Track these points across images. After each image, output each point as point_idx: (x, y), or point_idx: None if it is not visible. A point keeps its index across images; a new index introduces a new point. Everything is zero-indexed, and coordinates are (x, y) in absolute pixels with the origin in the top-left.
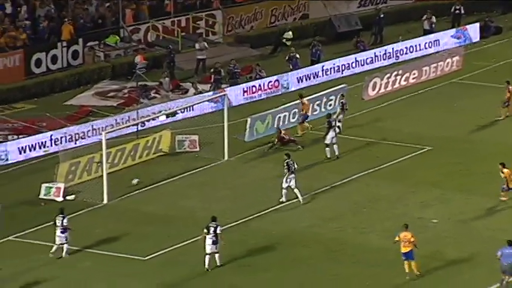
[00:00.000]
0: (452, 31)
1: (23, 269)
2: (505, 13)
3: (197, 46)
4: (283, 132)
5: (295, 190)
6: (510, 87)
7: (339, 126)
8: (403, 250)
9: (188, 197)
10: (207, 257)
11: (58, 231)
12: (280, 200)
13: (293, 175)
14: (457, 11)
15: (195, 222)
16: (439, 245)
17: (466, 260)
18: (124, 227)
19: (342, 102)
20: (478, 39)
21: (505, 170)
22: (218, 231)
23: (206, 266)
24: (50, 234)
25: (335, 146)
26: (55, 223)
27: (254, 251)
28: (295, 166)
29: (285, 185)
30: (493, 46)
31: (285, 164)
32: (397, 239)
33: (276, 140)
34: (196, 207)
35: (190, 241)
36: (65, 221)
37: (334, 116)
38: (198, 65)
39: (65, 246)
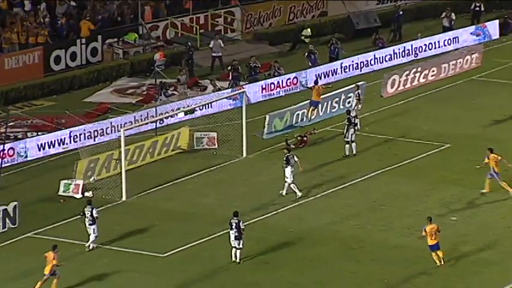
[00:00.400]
0: (472, 28)
1: (42, 265)
2: None
3: (211, 44)
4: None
5: (292, 185)
6: None
7: (357, 124)
8: (431, 243)
9: (206, 194)
10: (233, 250)
11: (87, 223)
12: (282, 193)
13: (292, 169)
14: (477, 8)
15: (214, 220)
16: (457, 243)
17: (484, 258)
18: (142, 224)
19: (357, 93)
20: (497, 36)
21: (491, 155)
22: (242, 226)
23: (233, 259)
24: (69, 230)
25: (353, 144)
26: (84, 214)
27: (272, 249)
28: (295, 160)
29: (289, 180)
30: None
31: (285, 158)
32: (424, 233)
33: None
34: (214, 204)
35: (209, 238)
36: (94, 211)
37: (354, 113)
38: (213, 63)
39: (93, 239)
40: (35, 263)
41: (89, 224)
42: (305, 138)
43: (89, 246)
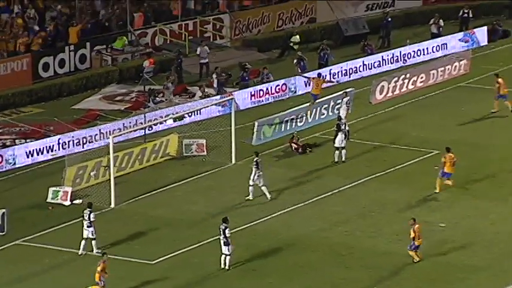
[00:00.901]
0: (460, 35)
1: (30, 272)
2: None
3: (198, 50)
4: (294, 141)
5: (263, 188)
6: (499, 79)
7: (348, 131)
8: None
9: (196, 201)
10: (222, 256)
11: (85, 225)
12: (247, 198)
13: (261, 173)
14: (465, 15)
15: (203, 226)
16: (445, 249)
17: (472, 265)
18: (131, 231)
19: (347, 100)
20: (485, 42)
21: (447, 155)
22: (227, 233)
23: (222, 266)
24: (58, 238)
25: (343, 151)
26: (83, 216)
27: (261, 255)
28: (259, 165)
29: (251, 182)
30: (500, 50)
31: (254, 162)
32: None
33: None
34: (203, 211)
35: (198, 245)
36: (92, 215)
37: (343, 120)
38: (201, 69)
39: (93, 242)
40: (23, 271)
41: (87, 226)
42: (297, 145)
43: (96, 246)
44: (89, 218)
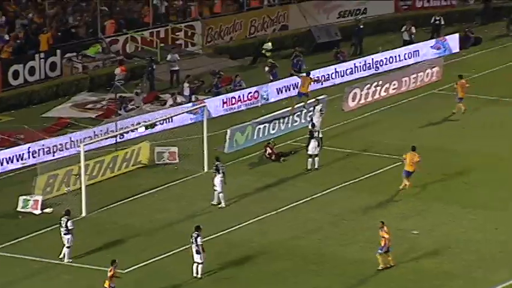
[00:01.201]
0: (432, 42)
1: (1, 282)
2: (485, 24)
3: (169, 57)
4: (270, 146)
5: (220, 194)
6: (461, 81)
7: (321, 138)
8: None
9: (167, 210)
10: (194, 265)
11: (62, 233)
12: (212, 203)
13: (221, 178)
14: (437, 22)
15: (175, 235)
16: (419, 257)
17: (446, 271)
18: (103, 240)
19: (319, 107)
20: (457, 50)
21: (409, 153)
22: (199, 242)
23: (194, 274)
24: (29, 247)
25: (316, 158)
26: (60, 224)
27: (234, 264)
28: (225, 170)
29: (218, 189)
30: (472, 57)
31: (214, 167)
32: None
33: (267, 152)
34: (175, 219)
35: (169, 254)
36: (69, 223)
37: (316, 127)
38: (172, 77)
39: (66, 250)
40: None
41: (64, 234)
42: (271, 150)
43: (63, 255)
44: (66, 225)
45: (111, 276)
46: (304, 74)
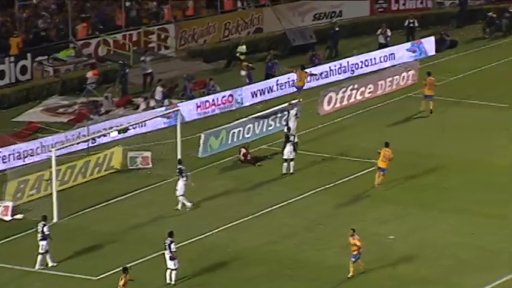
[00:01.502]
0: (408, 45)
1: None
2: (460, 26)
3: (143, 60)
4: (244, 150)
5: (181, 197)
6: (429, 78)
7: (297, 142)
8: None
9: (140, 215)
10: (168, 271)
11: (38, 238)
12: (176, 208)
13: (184, 182)
14: (411, 24)
15: (147, 241)
16: (395, 262)
17: (423, 277)
18: (75, 246)
19: (294, 111)
20: (433, 52)
21: (383, 149)
22: (172, 248)
23: (167, 281)
24: None
25: (291, 163)
26: (37, 230)
27: (208, 269)
28: (188, 173)
29: (179, 192)
30: (448, 60)
31: (177, 170)
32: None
33: (242, 156)
34: (148, 225)
35: (142, 260)
36: (45, 228)
37: (292, 131)
38: (145, 80)
39: (48, 255)
40: None
41: (39, 240)
42: (246, 151)
43: (40, 263)
44: (42, 231)
45: (123, 284)
46: (300, 68)
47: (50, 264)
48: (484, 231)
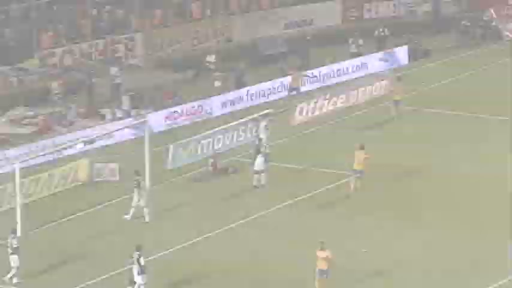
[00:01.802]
0: (380, 54)
1: None
2: (434, 35)
3: (111, 71)
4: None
5: (145, 209)
6: (398, 83)
7: (268, 153)
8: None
9: (107, 229)
10: (136, 286)
11: (9, 252)
12: (125, 217)
13: (144, 193)
14: (382, 33)
15: (114, 256)
16: (366, 276)
17: None
18: (39, 261)
19: (265, 122)
20: (406, 62)
21: (358, 152)
22: (141, 262)
23: None
24: None
25: (263, 174)
26: (6, 243)
27: (176, 285)
28: (146, 184)
29: (134, 203)
30: (421, 69)
31: (135, 182)
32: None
33: (211, 167)
34: (115, 239)
35: (109, 275)
36: (14, 241)
37: (264, 142)
38: (113, 91)
39: (12, 270)
40: None
41: (10, 254)
42: (215, 161)
43: (11, 278)
44: (11, 245)
45: None
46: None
47: (13, 280)
48: (455, 245)
